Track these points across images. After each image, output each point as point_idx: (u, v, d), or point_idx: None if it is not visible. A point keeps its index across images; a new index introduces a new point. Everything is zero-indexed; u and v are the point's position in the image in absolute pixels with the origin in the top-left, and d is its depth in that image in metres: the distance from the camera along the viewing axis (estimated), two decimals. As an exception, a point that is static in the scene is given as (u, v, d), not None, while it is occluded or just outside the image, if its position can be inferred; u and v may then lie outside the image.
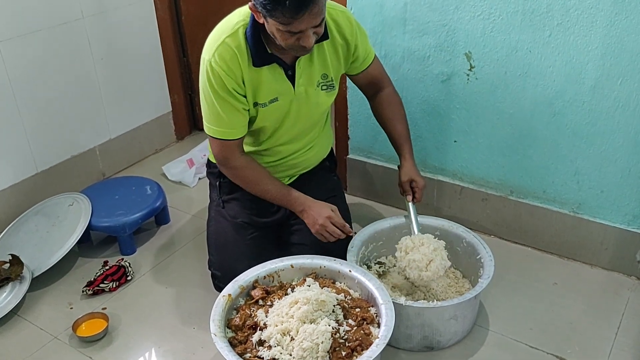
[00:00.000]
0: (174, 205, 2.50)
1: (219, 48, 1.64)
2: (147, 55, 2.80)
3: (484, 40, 1.94)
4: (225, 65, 1.65)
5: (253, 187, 1.83)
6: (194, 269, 2.13)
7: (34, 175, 2.44)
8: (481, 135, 2.11)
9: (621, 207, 1.95)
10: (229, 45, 1.64)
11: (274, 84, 1.72)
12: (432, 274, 1.74)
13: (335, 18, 1.74)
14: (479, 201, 2.21)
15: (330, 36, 1.73)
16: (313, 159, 1.98)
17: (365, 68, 1.88)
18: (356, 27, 1.79)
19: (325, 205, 1.78)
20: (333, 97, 1.86)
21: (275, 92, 1.74)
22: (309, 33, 1.54)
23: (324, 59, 1.76)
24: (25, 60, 2.30)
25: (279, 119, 1.80)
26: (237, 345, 1.54)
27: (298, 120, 1.82)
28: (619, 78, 1.78)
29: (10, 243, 2.17)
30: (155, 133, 2.94)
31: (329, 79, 1.80)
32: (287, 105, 1.77)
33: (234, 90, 1.68)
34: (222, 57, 1.64)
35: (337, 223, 1.75)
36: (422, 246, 1.78)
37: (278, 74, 1.72)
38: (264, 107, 1.74)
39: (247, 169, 1.81)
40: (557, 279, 2.01)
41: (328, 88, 1.81)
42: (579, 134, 1.92)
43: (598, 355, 1.71)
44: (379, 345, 1.46)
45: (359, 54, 1.83)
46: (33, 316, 1.95)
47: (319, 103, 1.83)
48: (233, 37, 1.65)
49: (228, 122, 1.71)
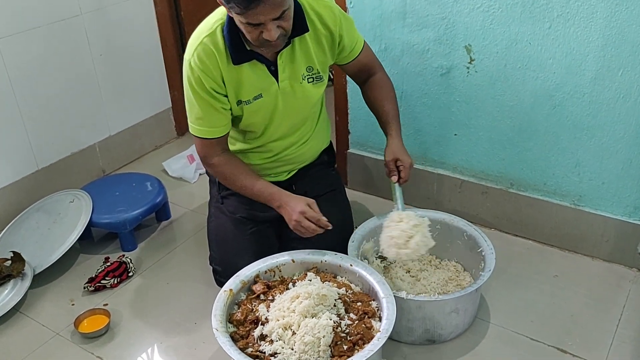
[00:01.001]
0: (175, 201, 2.50)
1: (198, 48, 1.66)
2: (147, 51, 2.80)
3: (484, 33, 1.94)
4: (203, 66, 1.66)
5: (232, 184, 1.84)
6: (195, 264, 2.13)
7: (35, 173, 2.44)
8: (481, 128, 2.10)
9: (622, 198, 1.95)
10: (207, 45, 1.65)
11: (255, 80, 1.71)
12: (412, 251, 1.66)
13: (317, 9, 1.72)
14: (480, 194, 2.21)
15: (311, 28, 1.71)
16: (309, 153, 1.97)
17: (355, 57, 1.86)
18: (340, 16, 1.75)
19: (301, 200, 1.74)
20: (322, 88, 1.85)
21: (258, 88, 1.73)
22: (270, 26, 1.51)
23: (307, 51, 1.74)
24: (25, 57, 2.30)
25: (266, 115, 1.79)
26: (239, 340, 1.54)
27: (287, 115, 1.81)
28: (619, 69, 1.77)
29: (11, 240, 2.17)
30: (155, 129, 2.94)
31: (314, 71, 1.78)
32: (272, 101, 1.76)
33: (213, 90, 1.69)
34: (200, 58, 1.65)
35: (311, 217, 1.69)
36: (400, 222, 1.72)
37: (259, 70, 1.71)
38: (248, 105, 1.74)
39: (226, 166, 1.82)
40: (558, 272, 2.01)
41: (315, 80, 1.79)
42: (579, 125, 1.91)
43: (599, 348, 1.71)
44: (381, 338, 1.46)
45: (345, 43, 1.80)
46: (35, 313, 1.95)
47: (307, 96, 1.81)
48: (211, 37, 1.65)
49: (208, 121, 1.73)
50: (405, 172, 1.84)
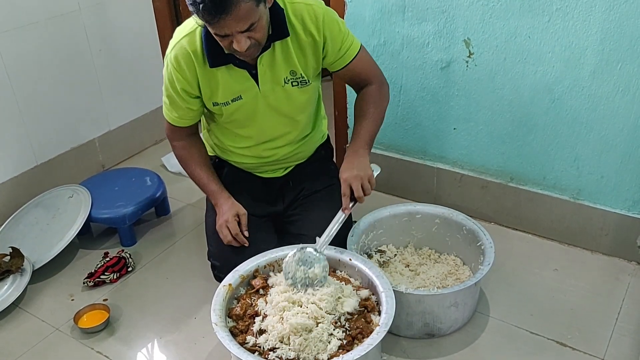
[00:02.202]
0: (174, 196, 2.50)
1: (175, 47, 1.68)
2: (145, 46, 2.79)
3: (483, 27, 1.93)
4: (178, 66, 1.68)
5: (185, 168, 1.92)
6: (194, 259, 2.13)
7: (34, 168, 2.44)
8: (481, 122, 2.10)
9: (621, 192, 1.95)
10: (184, 46, 1.66)
11: (232, 83, 1.71)
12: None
13: (300, 13, 1.66)
14: (479, 188, 2.21)
15: (292, 32, 1.67)
16: (305, 152, 1.96)
17: (345, 65, 1.78)
18: (324, 22, 1.68)
19: (232, 208, 1.81)
20: (310, 92, 1.81)
21: (236, 91, 1.72)
22: (239, 37, 1.50)
23: (289, 56, 1.70)
24: (23, 52, 2.29)
25: (248, 115, 1.78)
26: (238, 334, 1.54)
27: (271, 116, 1.79)
28: (618, 63, 1.77)
29: (10, 236, 2.17)
30: (154, 124, 2.93)
31: (298, 75, 1.73)
32: (253, 103, 1.75)
33: (183, 90, 1.72)
34: (176, 58, 1.68)
35: (232, 229, 1.78)
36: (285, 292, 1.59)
37: (237, 74, 1.70)
38: (227, 106, 1.75)
39: (184, 150, 1.88)
40: (558, 265, 2.01)
41: (300, 84, 1.75)
42: (578, 119, 1.91)
43: (598, 341, 1.71)
44: (380, 332, 1.46)
45: (329, 49, 1.72)
46: (34, 308, 1.96)
47: (291, 99, 1.77)
48: (190, 37, 1.66)
49: (174, 112, 1.80)
50: (345, 187, 1.67)
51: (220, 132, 1.89)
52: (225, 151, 1.93)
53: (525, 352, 1.69)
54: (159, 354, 1.77)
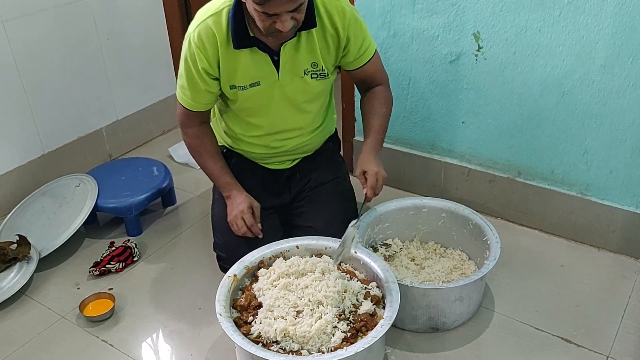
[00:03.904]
0: (180, 187, 2.50)
1: (200, 26, 1.66)
2: (154, 35, 2.78)
3: (493, 20, 1.91)
4: (201, 45, 1.66)
5: (196, 158, 1.90)
6: (200, 250, 2.13)
7: (41, 157, 2.45)
8: (489, 116, 2.08)
9: (630, 188, 1.93)
10: (209, 25, 1.65)
11: (253, 68, 1.70)
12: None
13: (328, 7, 1.68)
14: (487, 183, 2.20)
15: (320, 24, 1.68)
16: (313, 144, 1.95)
17: (361, 66, 1.80)
18: (350, 20, 1.70)
19: (246, 200, 1.82)
20: (327, 84, 1.81)
21: (256, 76, 1.71)
22: (285, 17, 1.50)
23: (313, 47, 1.70)
24: (31, 40, 2.29)
25: (262, 103, 1.77)
26: (242, 325, 1.54)
27: (284, 106, 1.79)
28: (629, 57, 1.75)
29: (17, 224, 2.18)
30: (162, 114, 2.94)
31: (319, 67, 1.74)
32: (269, 90, 1.74)
33: (204, 70, 1.70)
34: (199, 36, 1.66)
35: (247, 220, 1.79)
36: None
37: (260, 57, 1.69)
38: (243, 90, 1.73)
39: (196, 139, 1.87)
40: (564, 262, 2.00)
41: (319, 77, 1.76)
42: (588, 113, 1.89)
43: (604, 338, 1.70)
44: (384, 325, 1.46)
45: (350, 48, 1.74)
46: (40, 296, 1.97)
47: (307, 90, 1.77)
48: (216, 17, 1.65)
49: (191, 95, 1.77)
50: (371, 180, 1.71)
51: (231, 120, 1.89)
52: (235, 139, 1.93)
53: (530, 348, 1.69)
54: (163, 344, 1.78)
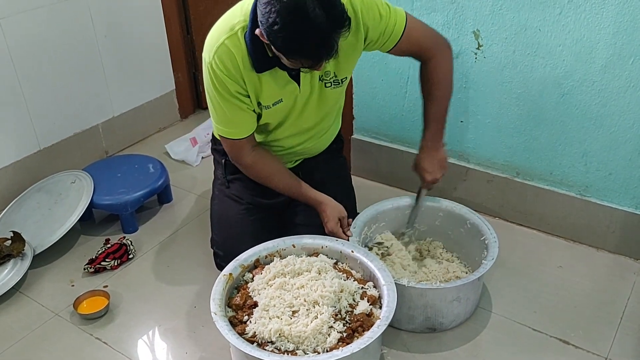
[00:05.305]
0: (177, 184, 2.49)
1: (219, 50, 1.58)
2: (151, 32, 2.77)
3: (493, 18, 1.90)
4: (226, 69, 1.59)
5: (266, 182, 1.83)
6: (195, 247, 2.12)
7: (37, 153, 2.43)
8: (488, 115, 2.07)
9: (629, 189, 1.92)
10: (228, 47, 1.57)
11: (275, 88, 1.65)
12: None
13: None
14: (485, 183, 2.19)
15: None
16: (320, 147, 1.94)
17: (395, 44, 1.70)
18: (363, 13, 1.61)
19: (337, 207, 1.80)
20: (339, 92, 1.79)
21: (279, 94, 1.68)
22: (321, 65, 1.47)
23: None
24: (27, 37, 2.28)
25: (282, 116, 1.75)
26: (238, 324, 1.53)
27: (302, 116, 1.77)
28: (630, 57, 1.74)
29: (12, 220, 2.17)
30: (158, 111, 2.92)
31: (331, 75, 1.71)
32: (291, 103, 1.72)
33: (237, 92, 1.63)
34: (222, 61, 1.58)
35: (344, 226, 1.79)
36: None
37: (280, 76, 1.64)
38: (267, 109, 1.70)
39: (259, 165, 1.79)
40: (563, 262, 1.99)
41: (333, 85, 1.73)
42: (588, 114, 1.88)
43: (602, 339, 1.69)
44: (381, 326, 1.45)
45: (372, 37, 1.67)
46: (34, 293, 1.95)
47: (324, 100, 1.75)
48: (232, 40, 1.57)
49: (235, 122, 1.69)
50: (428, 177, 1.88)
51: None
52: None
53: (528, 349, 1.68)
54: (158, 342, 1.76)
